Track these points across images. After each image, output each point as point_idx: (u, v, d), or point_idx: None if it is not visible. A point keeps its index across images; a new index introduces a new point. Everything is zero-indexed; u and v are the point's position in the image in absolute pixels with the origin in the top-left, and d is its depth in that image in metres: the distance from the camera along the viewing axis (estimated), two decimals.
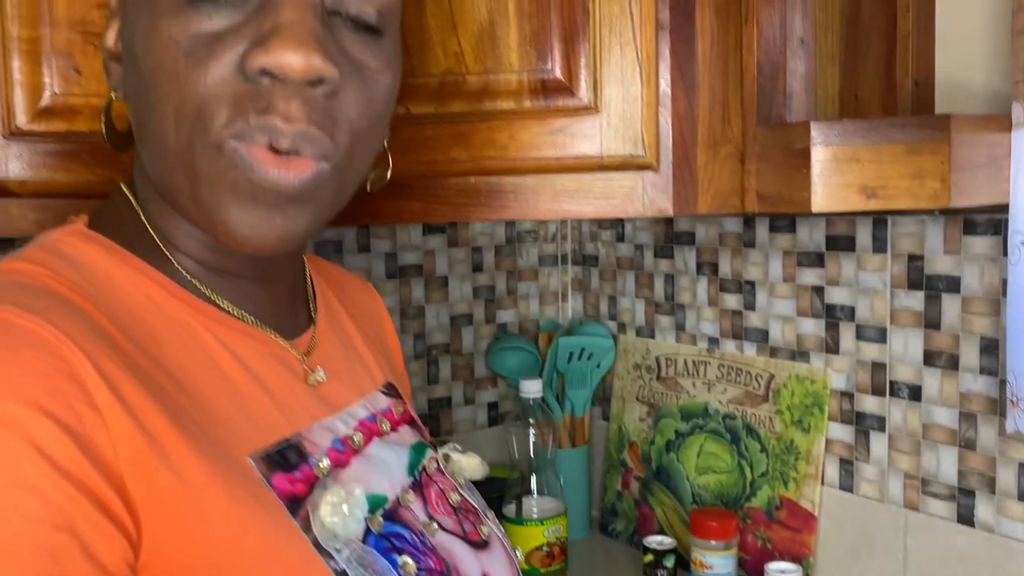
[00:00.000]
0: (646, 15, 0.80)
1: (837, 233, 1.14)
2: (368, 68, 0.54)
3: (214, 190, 0.51)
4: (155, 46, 0.51)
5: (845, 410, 1.14)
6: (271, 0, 0.50)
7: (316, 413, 0.59)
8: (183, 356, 0.53)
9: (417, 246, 1.43)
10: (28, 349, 0.44)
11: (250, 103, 0.50)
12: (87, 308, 0.49)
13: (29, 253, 0.53)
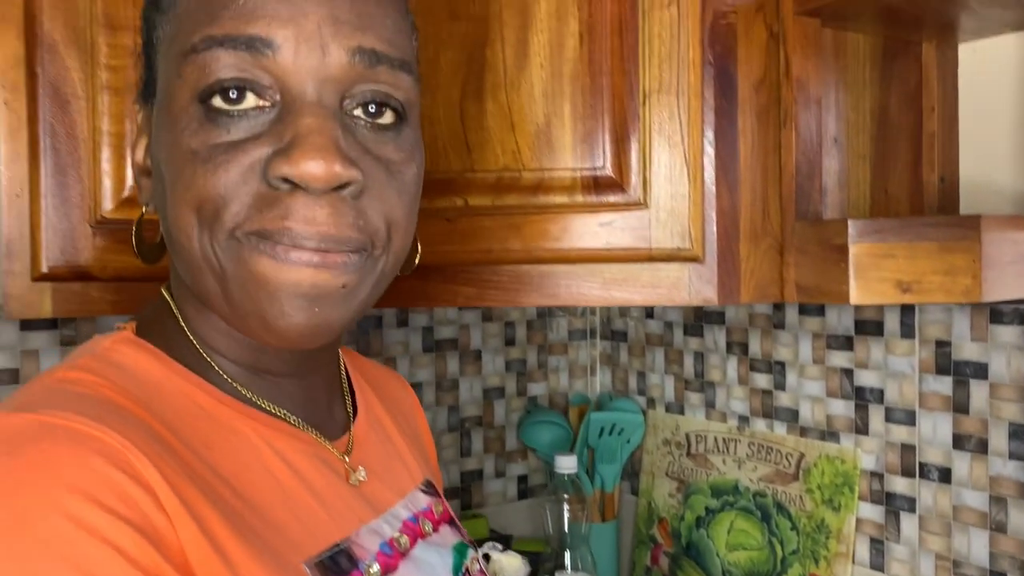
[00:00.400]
0: (693, 119, 0.86)
1: (866, 318, 1.18)
2: (393, 162, 0.54)
3: (244, 287, 0.52)
4: (175, 158, 0.52)
5: (875, 490, 1.17)
6: (290, 109, 0.51)
7: (363, 516, 0.60)
8: (234, 461, 0.54)
9: (453, 320, 1.47)
10: (97, 456, 0.45)
11: (269, 208, 0.50)
12: (143, 415, 0.50)
13: (84, 362, 0.53)
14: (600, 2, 0.86)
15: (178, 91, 0.52)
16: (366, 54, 0.52)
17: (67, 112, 0.86)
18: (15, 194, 0.84)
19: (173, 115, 0.53)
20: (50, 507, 0.42)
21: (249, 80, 0.51)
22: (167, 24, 0.54)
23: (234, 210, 0.51)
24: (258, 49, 0.50)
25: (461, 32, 0.90)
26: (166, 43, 0.55)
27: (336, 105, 0.52)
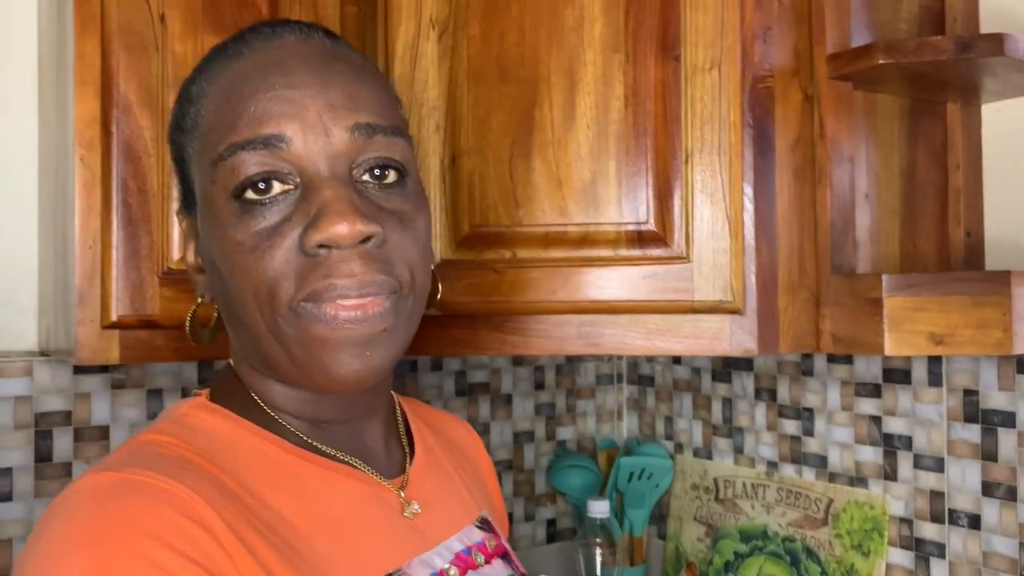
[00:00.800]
0: (734, 177, 0.90)
1: (894, 367, 1.21)
2: (404, 212, 0.62)
3: (306, 349, 0.60)
4: (227, 251, 0.60)
5: (904, 536, 1.19)
6: (310, 188, 0.59)
7: (416, 548, 0.65)
8: (296, 503, 0.61)
9: (484, 365, 1.51)
10: (168, 507, 0.53)
11: (313, 273, 0.58)
12: (212, 470, 0.58)
13: (164, 426, 0.62)
14: (644, 67, 0.91)
15: (215, 194, 0.61)
16: (362, 128, 0.61)
17: (139, 168, 0.90)
18: (88, 246, 0.89)
19: (215, 216, 0.61)
20: (130, 550, 0.50)
21: (272, 171, 0.59)
22: (194, 142, 0.63)
23: (286, 287, 0.59)
24: (274, 144, 0.59)
25: (511, 94, 0.94)
26: (196, 157, 0.63)
27: (346, 175, 0.60)
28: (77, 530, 0.52)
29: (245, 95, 0.60)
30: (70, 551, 0.50)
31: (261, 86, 0.60)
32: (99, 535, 0.51)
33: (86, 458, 1.17)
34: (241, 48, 0.63)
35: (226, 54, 0.63)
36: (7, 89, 1.18)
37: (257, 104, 0.60)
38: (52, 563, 0.50)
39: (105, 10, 0.89)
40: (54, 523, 0.53)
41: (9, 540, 1.12)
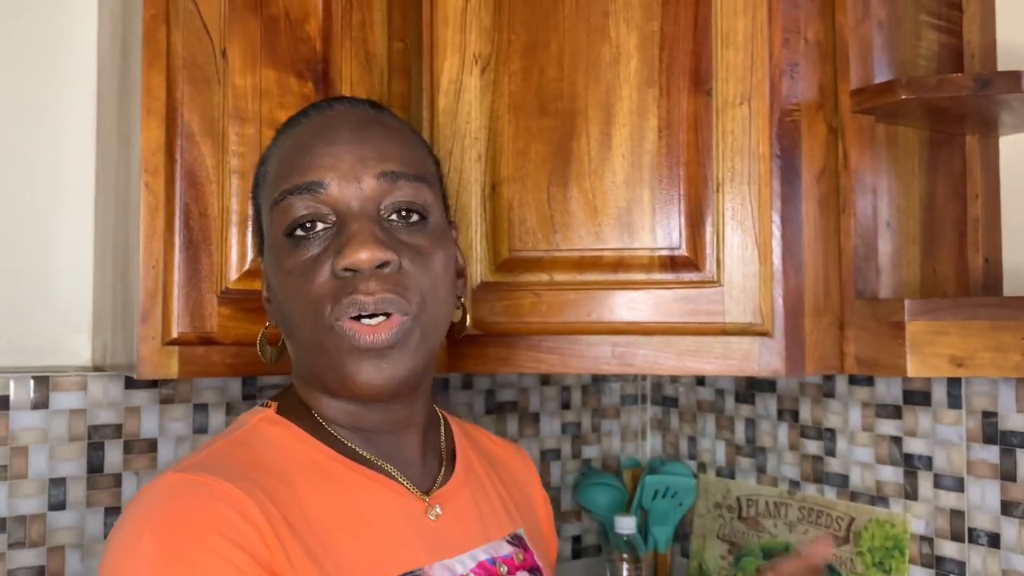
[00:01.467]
0: (762, 206, 0.94)
1: (914, 388, 1.25)
2: (422, 247, 0.73)
3: (339, 359, 0.71)
4: (282, 279, 0.73)
5: (925, 554, 1.23)
6: (343, 222, 0.71)
7: (438, 553, 0.73)
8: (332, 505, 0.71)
9: (513, 384, 1.55)
10: (222, 504, 0.65)
11: (341, 291, 0.70)
12: (265, 475, 0.70)
13: (235, 436, 0.74)
14: (677, 101, 0.96)
15: (274, 233, 0.74)
16: (388, 175, 0.73)
17: (200, 193, 0.96)
18: (151, 266, 0.94)
19: (274, 251, 0.74)
20: (191, 536, 0.63)
21: (315, 212, 0.72)
22: (262, 194, 0.77)
23: (327, 308, 0.70)
24: (315, 190, 0.72)
25: (550, 127, 1.00)
26: (263, 206, 0.76)
27: (374, 213, 0.72)
28: (150, 517, 0.64)
29: (298, 153, 0.73)
30: (145, 533, 0.63)
31: (310, 144, 0.73)
32: (168, 522, 0.63)
33: (135, 469, 1.22)
34: (301, 119, 0.76)
35: (289, 126, 0.77)
36: (68, 119, 1.25)
37: (305, 159, 0.72)
38: (131, 544, 0.63)
39: (171, 45, 0.95)
40: (136, 510, 0.65)
41: (62, 547, 1.17)
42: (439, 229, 0.75)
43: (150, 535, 0.63)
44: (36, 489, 1.16)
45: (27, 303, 1.22)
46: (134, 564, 0.62)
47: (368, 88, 1.06)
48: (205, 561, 0.62)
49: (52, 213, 1.24)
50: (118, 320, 1.06)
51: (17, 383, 1.15)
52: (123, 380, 1.21)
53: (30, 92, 1.23)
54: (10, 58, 1.22)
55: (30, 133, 1.23)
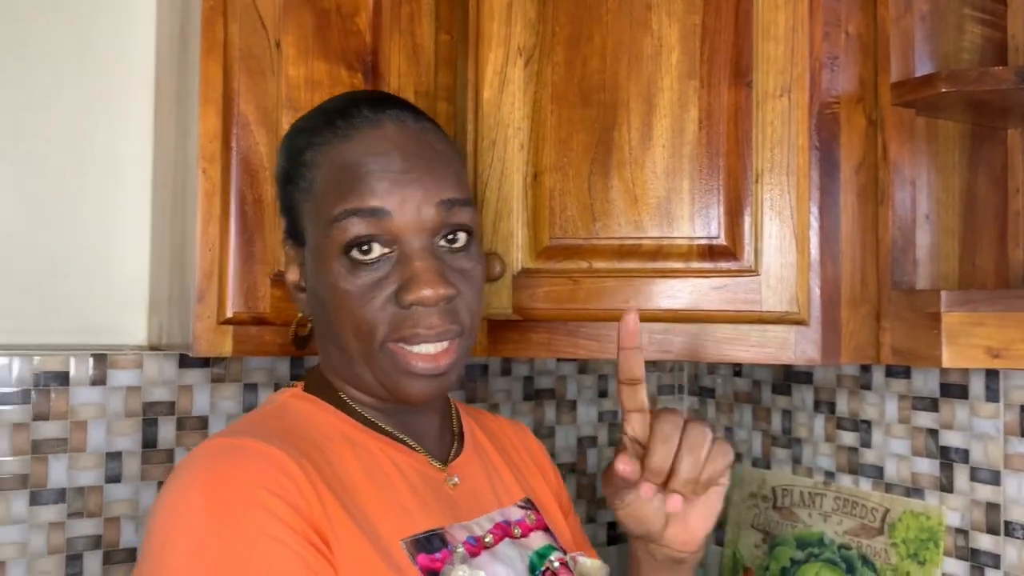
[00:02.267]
0: (801, 196, 0.96)
1: (951, 381, 1.25)
2: (467, 270, 0.79)
3: (390, 375, 0.78)
4: (336, 296, 0.77)
5: (960, 546, 1.23)
6: (405, 257, 0.76)
7: (457, 517, 0.80)
8: (361, 470, 0.77)
9: (551, 372, 1.58)
10: (266, 463, 0.70)
11: (404, 322, 0.76)
12: (300, 442, 0.75)
13: (267, 410, 0.81)
14: (718, 92, 0.98)
15: (328, 247, 0.77)
16: (446, 203, 0.78)
17: (255, 180, 1.00)
18: (208, 249, 0.98)
19: (325, 264, 0.77)
20: (237, 490, 0.67)
21: (375, 234, 0.76)
22: (308, 200, 0.79)
23: (382, 329, 0.76)
24: (379, 215, 0.76)
25: (591, 117, 1.02)
26: (310, 213, 0.79)
27: (431, 245, 0.77)
28: (199, 477, 0.68)
29: (356, 175, 0.76)
30: (193, 489, 0.68)
31: (370, 170, 0.76)
32: (213, 478, 0.68)
33: (187, 445, 1.27)
34: (349, 132, 0.78)
35: (336, 133, 0.79)
36: (127, 107, 1.30)
37: (366, 182, 0.76)
38: (178, 499, 0.68)
39: (228, 37, 0.99)
40: (183, 471, 0.70)
41: (117, 518, 1.23)
42: (478, 248, 0.82)
43: (198, 491, 0.67)
44: (94, 462, 1.21)
45: (88, 285, 1.27)
46: (184, 520, 0.66)
47: (415, 79, 1.09)
48: (250, 513, 0.66)
49: (111, 199, 1.29)
50: (174, 301, 1.11)
51: (77, 361, 1.21)
52: (177, 359, 1.26)
53: (92, 81, 1.28)
54: (72, 48, 1.27)
55: (91, 121, 1.28)
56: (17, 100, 1.24)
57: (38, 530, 1.18)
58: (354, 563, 0.70)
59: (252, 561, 0.65)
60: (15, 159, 1.24)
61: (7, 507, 1.16)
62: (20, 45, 1.25)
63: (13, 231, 1.24)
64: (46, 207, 1.25)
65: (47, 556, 1.18)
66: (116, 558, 1.22)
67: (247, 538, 0.65)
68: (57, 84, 1.26)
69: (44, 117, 1.26)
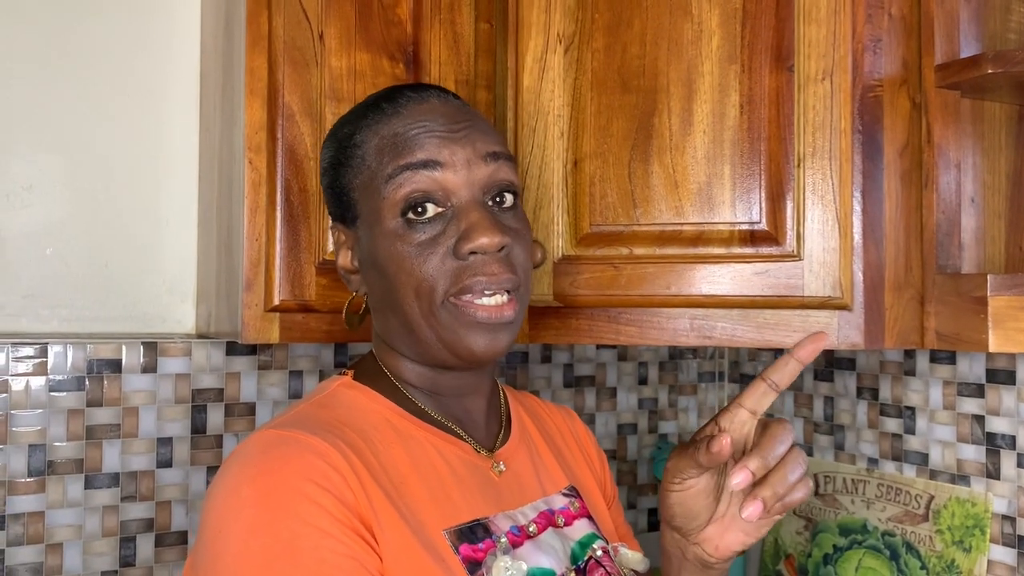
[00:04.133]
0: (843, 181, 0.95)
1: (997, 367, 1.24)
2: (517, 230, 0.81)
3: (455, 331, 0.78)
4: (394, 257, 0.78)
5: (1007, 533, 1.22)
6: (459, 211, 0.78)
7: (501, 505, 0.81)
8: (406, 459, 0.78)
9: (591, 359, 1.59)
10: (312, 455, 0.71)
11: (464, 272, 0.77)
12: (347, 432, 0.76)
13: (317, 399, 0.81)
14: (759, 77, 0.98)
15: (384, 211, 0.79)
16: (492, 155, 0.80)
17: (300, 170, 1.01)
18: (255, 238, 1.00)
19: (382, 227, 0.79)
20: (284, 481, 0.69)
21: (429, 193, 0.78)
22: (359, 175, 0.81)
23: (443, 284, 0.78)
24: (432, 167, 0.78)
25: (631, 103, 1.02)
26: (363, 186, 0.81)
27: (483, 199, 0.79)
28: (248, 468, 0.70)
29: (407, 136, 0.79)
30: (244, 482, 0.69)
31: (420, 129, 0.79)
32: (263, 470, 0.70)
33: (235, 431, 1.29)
34: (396, 108, 0.81)
35: (383, 112, 0.82)
36: (173, 99, 1.32)
37: (417, 140, 0.79)
38: (231, 489, 0.70)
39: (272, 29, 1.01)
40: (234, 463, 0.72)
41: (168, 502, 1.26)
42: (523, 212, 0.84)
43: (248, 484, 0.69)
44: (146, 447, 1.25)
45: (137, 275, 1.30)
46: (235, 511, 0.68)
47: (456, 68, 1.10)
48: (298, 504, 0.68)
49: (159, 189, 1.32)
50: (222, 289, 1.13)
51: (128, 349, 1.24)
52: (224, 347, 1.29)
53: (139, 76, 1.31)
54: (120, 45, 1.30)
55: (139, 115, 1.31)
56: (67, 95, 1.27)
57: (93, 513, 1.21)
58: (398, 554, 0.71)
59: (300, 551, 0.66)
60: (66, 153, 1.28)
61: (63, 491, 1.20)
62: (69, 43, 1.28)
63: (66, 223, 1.27)
64: (97, 199, 1.29)
65: (102, 539, 1.22)
66: (167, 541, 1.25)
67: (295, 530, 0.67)
68: (105, 79, 1.29)
69: (93, 112, 1.29)
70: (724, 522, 0.82)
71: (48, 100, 1.26)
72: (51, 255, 1.26)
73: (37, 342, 1.20)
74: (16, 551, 1.17)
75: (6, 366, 1.18)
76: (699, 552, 0.84)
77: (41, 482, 1.19)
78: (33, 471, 1.18)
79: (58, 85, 1.27)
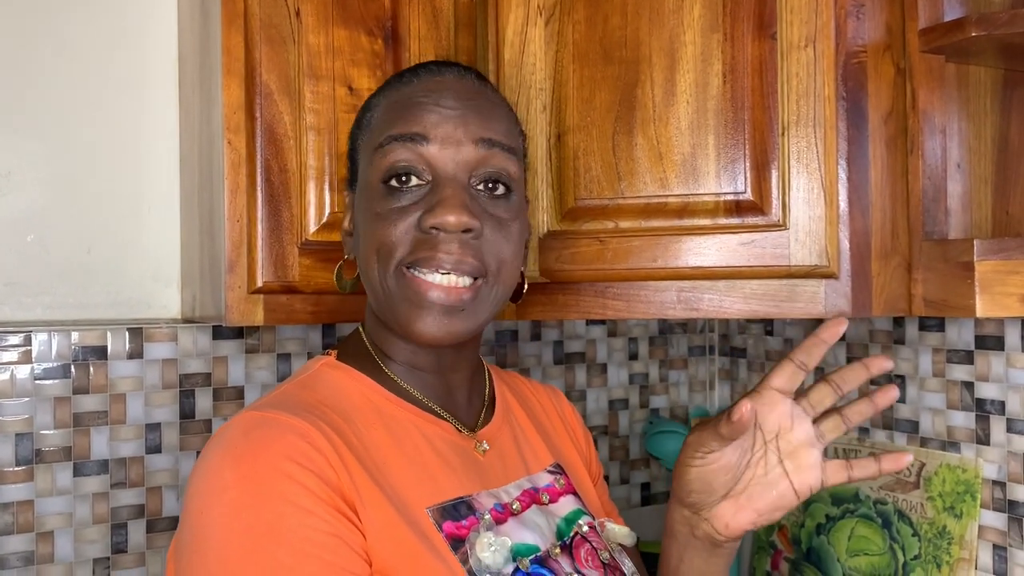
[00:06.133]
0: (828, 148, 0.95)
1: (986, 333, 1.24)
2: (503, 219, 0.80)
3: (401, 303, 0.78)
4: (368, 219, 0.79)
5: (997, 499, 1.22)
6: (436, 184, 0.78)
7: (485, 484, 0.81)
8: (388, 439, 0.78)
9: (580, 335, 1.58)
10: (294, 435, 0.71)
11: (422, 245, 0.76)
12: (329, 412, 0.76)
13: (300, 380, 0.81)
14: (742, 45, 0.97)
15: (371, 175, 0.80)
16: (485, 141, 0.79)
17: (279, 150, 1.00)
18: (236, 220, 0.99)
19: (368, 192, 0.80)
20: (266, 461, 0.69)
21: (412, 166, 0.78)
22: (364, 136, 0.83)
23: (400, 251, 0.77)
24: (418, 140, 0.78)
25: (614, 75, 1.01)
26: (363, 147, 0.82)
27: (466, 181, 0.79)
28: (231, 449, 0.70)
29: (407, 106, 0.80)
30: (226, 463, 0.69)
31: (420, 102, 0.79)
32: (245, 452, 0.70)
33: (224, 415, 1.29)
34: (412, 78, 0.82)
35: (401, 80, 0.83)
36: (151, 81, 1.31)
37: (413, 112, 0.79)
38: (213, 471, 0.70)
39: (248, 7, 0.99)
40: (216, 446, 0.72)
41: (159, 488, 1.25)
42: (519, 202, 0.82)
43: (230, 465, 0.69)
44: (134, 434, 1.24)
45: (121, 260, 1.29)
46: (218, 493, 0.68)
47: (435, 43, 1.09)
48: (281, 484, 0.68)
49: (141, 174, 1.30)
50: (206, 272, 1.12)
51: (114, 335, 1.23)
52: (211, 331, 1.28)
53: (117, 59, 1.29)
54: (97, 28, 1.28)
55: (118, 98, 1.29)
56: (44, 80, 1.26)
57: (83, 500, 1.21)
58: (382, 532, 0.71)
59: (282, 530, 0.66)
60: (45, 139, 1.26)
61: (52, 479, 1.19)
62: (46, 27, 1.26)
63: (47, 209, 1.26)
64: (78, 185, 1.27)
65: (92, 526, 1.22)
66: (159, 527, 1.25)
67: (278, 509, 0.67)
68: (83, 63, 1.27)
69: (72, 96, 1.27)
70: (739, 500, 0.83)
71: (25, 85, 1.24)
72: (32, 242, 1.25)
73: (21, 330, 1.19)
74: (7, 540, 1.17)
75: None
76: (709, 529, 0.84)
77: (29, 471, 1.18)
78: (21, 460, 1.18)
79: (35, 70, 1.25)
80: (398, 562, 0.71)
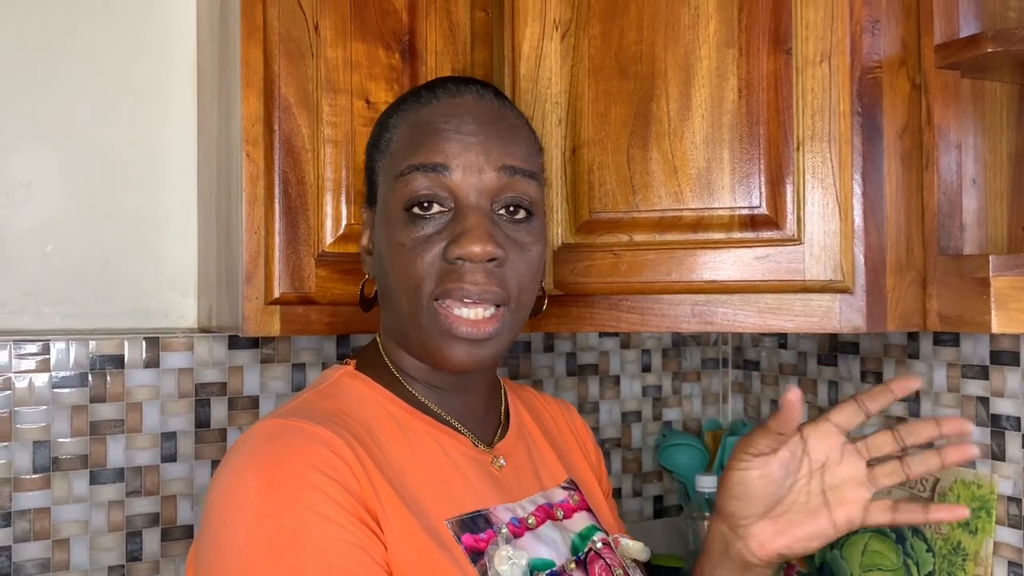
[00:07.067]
0: (843, 164, 0.95)
1: (1001, 348, 1.23)
2: (524, 243, 0.80)
3: (433, 337, 0.78)
4: (392, 248, 0.79)
5: (1012, 515, 1.22)
6: (459, 213, 0.78)
7: (501, 498, 0.81)
8: (408, 451, 0.78)
9: (594, 347, 1.58)
10: (318, 444, 0.71)
11: (448, 276, 0.77)
12: (350, 422, 0.76)
13: (320, 389, 0.81)
14: (757, 60, 0.97)
15: (392, 202, 0.80)
16: (507, 169, 0.79)
17: (297, 162, 1.01)
18: (254, 231, 1.00)
19: (389, 218, 0.80)
20: (289, 469, 0.69)
21: (434, 194, 0.78)
22: (383, 159, 0.82)
23: (428, 284, 0.77)
24: (440, 171, 0.78)
25: (629, 89, 1.02)
26: (383, 171, 0.82)
27: (488, 208, 0.79)
28: (254, 456, 0.70)
29: (428, 132, 0.79)
30: (249, 471, 0.69)
31: (440, 128, 0.79)
32: (268, 460, 0.70)
33: (239, 424, 1.30)
34: (431, 99, 0.82)
35: (419, 100, 0.82)
36: (170, 94, 1.32)
37: (434, 140, 0.79)
38: (236, 478, 0.70)
39: (267, 21, 1.00)
40: (238, 452, 0.72)
41: (174, 496, 1.26)
42: (540, 224, 0.83)
43: (253, 472, 0.69)
44: (150, 442, 1.25)
45: (138, 270, 1.30)
46: (241, 500, 0.68)
47: (452, 57, 1.10)
48: (304, 493, 0.68)
49: (159, 185, 1.32)
50: (222, 283, 1.13)
51: (131, 344, 1.24)
52: (227, 341, 1.29)
53: (136, 71, 1.31)
54: (116, 39, 1.30)
55: (136, 109, 1.31)
56: (64, 91, 1.27)
57: (99, 508, 1.22)
58: (403, 542, 0.71)
59: (305, 540, 0.67)
60: (65, 150, 1.27)
61: (69, 486, 1.20)
62: (66, 38, 1.27)
63: (65, 219, 1.27)
64: (96, 195, 1.29)
65: (108, 534, 1.22)
66: (173, 535, 1.26)
67: (301, 518, 0.67)
68: (102, 75, 1.29)
69: (91, 108, 1.29)
70: (778, 523, 0.84)
71: (46, 96, 1.26)
72: (51, 252, 1.26)
73: (39, 339, 1.20)
74: (23, 547, 1.18)
75: (9, 364, 1.18)
76: (742, 548, 0.84)
77: (46, 478, 1.19)
78: (38, 467, 1.19)
79: (56, 82, 1.27)
80: (419, 572, 0.71)
